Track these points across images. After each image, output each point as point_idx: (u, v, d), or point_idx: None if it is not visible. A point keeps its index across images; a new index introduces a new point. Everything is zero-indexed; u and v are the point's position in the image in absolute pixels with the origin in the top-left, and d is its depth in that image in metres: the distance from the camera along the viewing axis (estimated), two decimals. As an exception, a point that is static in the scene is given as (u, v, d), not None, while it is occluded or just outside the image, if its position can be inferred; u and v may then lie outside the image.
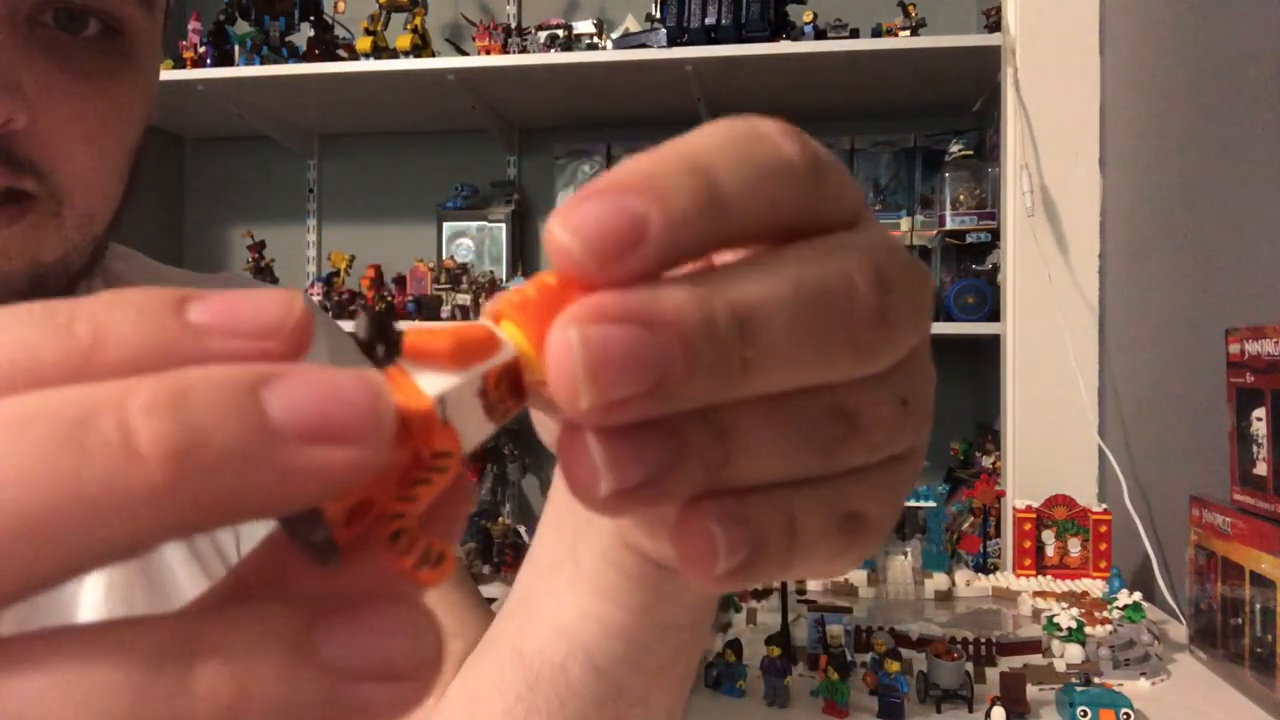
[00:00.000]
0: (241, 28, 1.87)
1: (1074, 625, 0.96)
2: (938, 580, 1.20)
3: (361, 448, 0.13)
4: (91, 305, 0.13)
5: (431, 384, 0.16)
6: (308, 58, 1.84)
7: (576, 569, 0.31)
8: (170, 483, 0.12)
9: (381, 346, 0.16)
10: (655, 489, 0.17)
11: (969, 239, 1.68)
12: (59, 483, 0.12)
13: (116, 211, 0.49)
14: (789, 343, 0.17)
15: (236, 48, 1.84)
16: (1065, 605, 1.05)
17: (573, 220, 0.16)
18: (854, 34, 1.68)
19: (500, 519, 1.76)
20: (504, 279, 1.98)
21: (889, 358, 0.19)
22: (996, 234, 1.63)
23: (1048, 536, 1.26)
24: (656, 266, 0.17)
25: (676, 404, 0.17)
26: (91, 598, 0.46)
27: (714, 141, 0.18)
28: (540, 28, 1.80)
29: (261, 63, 1.82)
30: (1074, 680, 0.85)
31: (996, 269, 1.61)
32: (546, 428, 0.24)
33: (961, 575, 1.22)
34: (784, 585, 1.03)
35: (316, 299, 1.89)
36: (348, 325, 1.82)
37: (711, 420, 0.18)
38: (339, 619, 0.13)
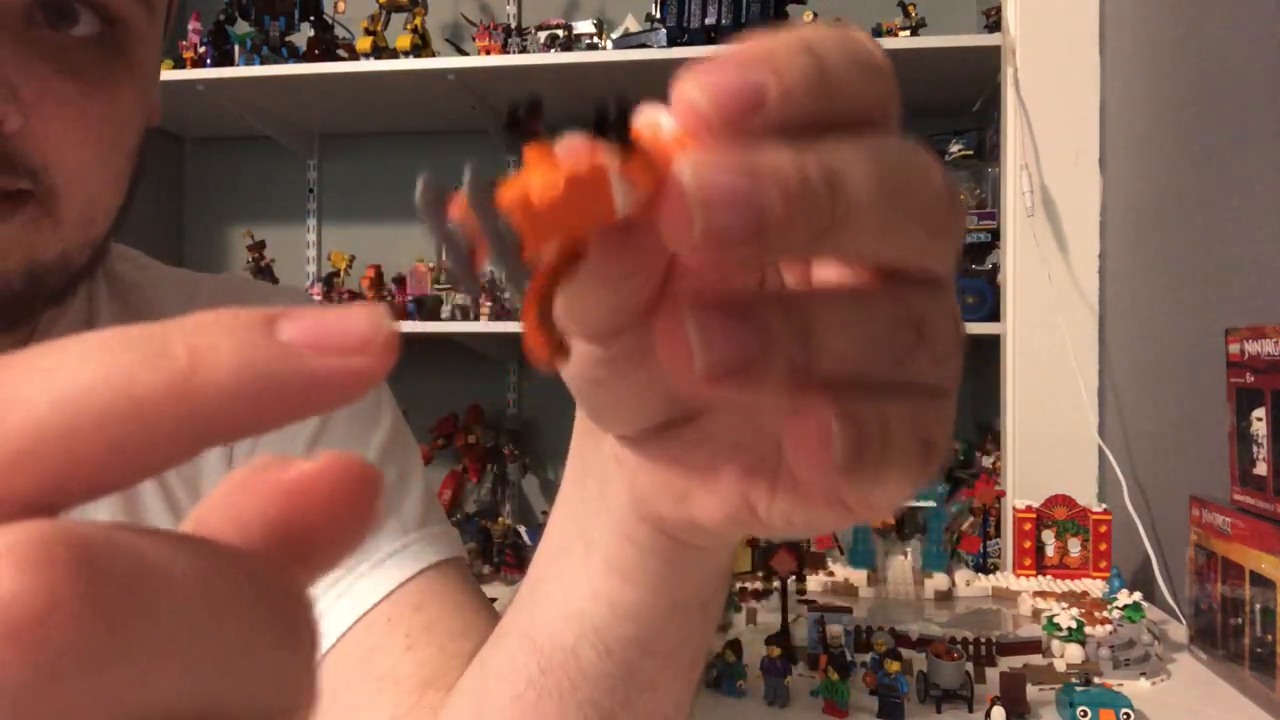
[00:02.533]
0: (241, 28, 1.87)
1: (1074, 625, 0.95)
2: (938, 580, 1.20)
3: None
4: (182, 328, 0.14)
5: (620, 198, 0.18)
6: (308, 58, 1.84)
7: (587, 550, 0.31)
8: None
9: (614, 139, 0.18)
10: (743, 375, 0.19)
11: (969, 239, 1.68)
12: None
13: (119, 213, 0.49)
14: (874, 203, 0.19)
15: (236, 48, 1.84)
16: (1065, 605, 1.05)
17: (702, 82, 0.18)
18: (854, 34, 1.68)
19: (500, 519, 1.76)
20: (504, 279, 1.98)
21: (955, 246, 0.21)
22: (996, 234, 1.62)
23: (1048, 536, 1.26)
24: (768, 132, 0.19)
25: (776, 247, 0.19)
26: None
27: (823, 34, 0.20)
28: (540, 28, 1.80)
29: (261, 63, 1.82)
30: (1074, 680, 0.85)
31: (996, 269, 1.61)
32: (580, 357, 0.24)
33: (961, 575, 1.22)
34: (784, 585, 1.03)
35: (316, 299, 1.89)
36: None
37: (796, 315, 0.20)
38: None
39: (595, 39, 1.79)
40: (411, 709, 0.48)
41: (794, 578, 1.06)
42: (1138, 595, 1.02)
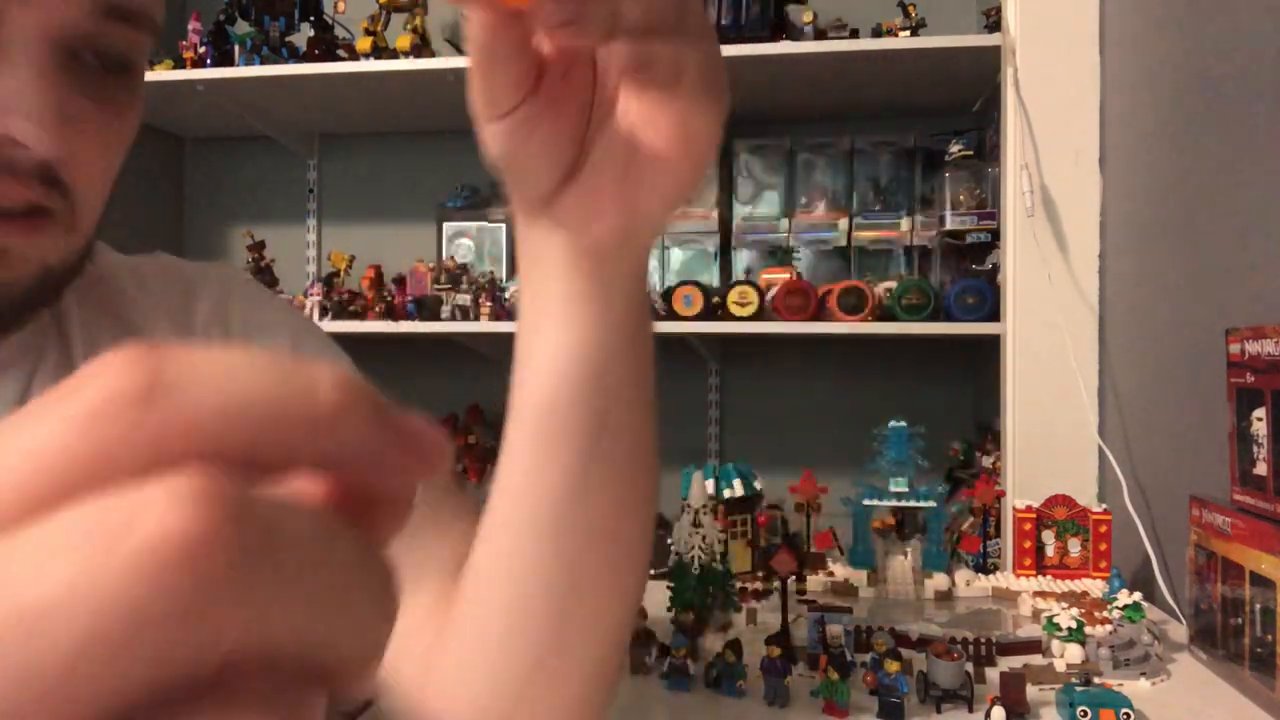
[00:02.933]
0: (241, 28, 1.87)
1: (1074, 625, 0.95)
2: (938, 580, 1.20)
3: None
4: (330, 376, 0.16)
5: None
6: (308, 58, 1.84)
7: (541, 326, 0.42)
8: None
9: None
10: (576, 26, 0.31)
11: (969, 239, 1.68)
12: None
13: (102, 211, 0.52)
14: None
15: (236, 48, 1.84)
16: (1065, 605, 1.05)
17: None
18: (854, 34, 1.68)
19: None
20: (504, 279, 1.98)
21: None
22: (996, 234, 1.62)
23: (1048, 536, 1.26)
24: None
25: None
26: None
27: None
28: (540, 28, 1.80)
29: (261, 63, 1.82)
30: (1074, 680, 0.85)
31: (996, 269, 1.61)
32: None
33: (961, 575, 1.22)
34: (784, 585, 1.03)
35: (316, 299, 1.89)
36: (329, 325, 1.81)
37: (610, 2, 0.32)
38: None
39: (595, 39, 1.79)
40: (450, 588, 0.52)
41: (794, 578, 1.06)
42: (1138, 595, 1.02)
